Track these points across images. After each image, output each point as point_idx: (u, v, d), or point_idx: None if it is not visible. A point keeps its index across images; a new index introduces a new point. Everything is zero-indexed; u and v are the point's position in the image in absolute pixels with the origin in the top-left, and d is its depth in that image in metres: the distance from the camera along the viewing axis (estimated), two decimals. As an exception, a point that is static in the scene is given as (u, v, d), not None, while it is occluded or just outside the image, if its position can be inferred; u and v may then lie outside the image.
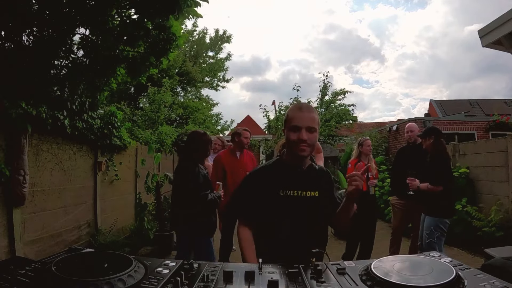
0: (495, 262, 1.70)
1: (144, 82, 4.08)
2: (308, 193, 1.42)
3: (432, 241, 2.98)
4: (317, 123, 1.41)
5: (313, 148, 1.42)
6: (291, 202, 1.40)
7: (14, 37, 2.92)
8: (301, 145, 1.35)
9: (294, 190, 1.41)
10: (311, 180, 1.45)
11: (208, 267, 0.70)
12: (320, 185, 1.48)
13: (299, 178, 1.43)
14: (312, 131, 1.37)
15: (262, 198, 1.42)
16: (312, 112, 1.40)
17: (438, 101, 19.26)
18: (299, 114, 1.38)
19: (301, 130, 1.35)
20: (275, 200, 1.40)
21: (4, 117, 2.77)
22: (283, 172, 1.45)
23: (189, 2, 2.91)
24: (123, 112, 7.12)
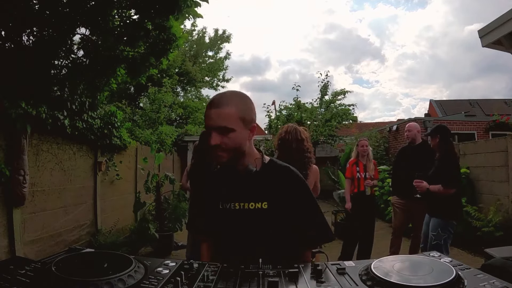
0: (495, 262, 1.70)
1: (144, 82, 4.08)
2: (251, 205, 1.09)
3: (439, 243, 2.89)
4: (238, 119, 1.03)
5: (238, 150, 1.07)
6: (232, 217, 1.10)
7: (14, 37, 2.92)
8: (214, 152, 1.05)
9: (236, 202, 1.10)
10: (258, 187, 1.10)
11: (208, 267, 0.70)
12: (272, 193, 1.10)
13: (244, 185, 1.10)
14: (225, 132, 1.02)
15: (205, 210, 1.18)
16: (224, 106, 1.03)
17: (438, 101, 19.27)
18: (207, 111, 1.05)
19: (210, 132, 1.04)
20: (214, 214, 1.13)
21: (4, 117, 2.77)
22: (225, 178, 1.15)
23: (189, 3, 2.91)
24: (123, 111, 7.12)
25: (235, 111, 1.04)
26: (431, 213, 3.08)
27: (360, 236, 3.81)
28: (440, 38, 63.73)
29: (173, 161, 8.96)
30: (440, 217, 2.97)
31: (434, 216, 3.01)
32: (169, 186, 5.83)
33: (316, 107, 11.41)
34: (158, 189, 5.18)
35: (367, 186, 3.78)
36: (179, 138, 9.49)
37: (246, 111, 1.08)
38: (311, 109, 11.22)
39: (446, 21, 60.77)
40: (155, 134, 7.87)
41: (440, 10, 58.68)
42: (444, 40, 62.67)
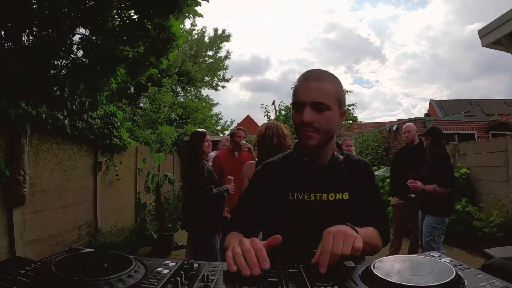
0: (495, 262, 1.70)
1: (143, 82, 4.09)
2: (331, 196, 1.01)
3: (433, 239, 3.02)
4: (335, 97, 0.95)
5: (328, 136, 0.98)
6: (304, 209, 1.00)
7: (14, 37, 2.91)
8: (305, 130, 0.95)
9: (310, 193, 1.01)
10: (334, 177, 1.02)
11: (208, 267, 0.70)
12: (352, 182, 1.04)
13: (317, 176, 1.02)
14: (321, 108, 0.93)
15: (269, 202, 1.03)
16: (323, 81, 0.95)
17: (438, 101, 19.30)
18: (303, 85, 0.95)
19: (304, 107, 0.93)
20: (282, 205, 1.01)
21: (4, 117, 2.77)
22: (294, 168, 1.05)
23: (189, 2, 2.91)
24: (123, 111, 7.13)
25: (333, 89, 0.95)
26: (424, 211, 3.19)
27: None
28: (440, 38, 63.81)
29: (173, 161, 8.96)
30: (433, 214, 3.08)
31: (428, 214, 3.13)
32: (169, 186, 5.84)
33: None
34: (158, 189, 5.19)
35: None
36: (179, 138, 9.49)
37: (342, 92, 1.00)
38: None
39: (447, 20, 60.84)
40: (155, 134, 7.87)
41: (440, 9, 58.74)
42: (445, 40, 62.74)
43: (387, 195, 6.42)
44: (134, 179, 5.99)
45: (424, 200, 3.20)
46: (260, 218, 1.05)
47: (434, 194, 3.05)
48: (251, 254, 0.69)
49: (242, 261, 0.68)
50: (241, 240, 0.75)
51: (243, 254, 0.70)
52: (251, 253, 0.70)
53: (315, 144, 0.96)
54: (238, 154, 3.69)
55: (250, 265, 0.67)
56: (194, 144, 2.96)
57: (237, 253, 0.70)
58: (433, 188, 3.05)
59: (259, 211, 1.05)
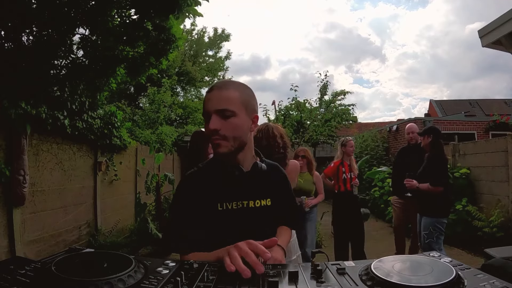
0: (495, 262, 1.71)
1: (143, 82, 4.08)
2: (257, 203, 1.05)
3: (432, 241, 3.00)
4: (240, 103, 0.96)
5: (238, 142, 0.98)
6: (234, 218, 1.01)
7: (14, 37, 2.91)
8: (213, 139, 0.95)
9: (237, 201, 1.02)
10: (257, 184, 1.06)
11: (208, 267, 0.70)
12: (272, 188, 1.09)
13: (241, 184, 1.03)
14: (226, 115, 0.94)
15: (198, 216, 1.00)
16: (226, 88, 0.97)
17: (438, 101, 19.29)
18: (207, 95, 0.98)
19: (210, 116, 0.95)
20: (213, 217, 1.00)
21: (4, 117, 2.77)
22: (219, 178, 1.04)
23: (189, 1, 2.91)
24: (123, 111, 7.13)
25: (238, 95, 0.97)
26: (422, 212, 3.17)
27: (352, 236, 3.81)
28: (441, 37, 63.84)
29: (173, 161, 8.96)
30: (430, 215, 3.07)
31: (424, 215, 3.12)
32: (169, 186, 5.84)
33: (316, 107, 11.41)
34: (158, 189, 5.19)
35: (355, 186, 3.79)
36: (179, 138, 9.49)
37: (249, 97, 1.01)
38: (310, 109, 11.22)
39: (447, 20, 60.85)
40: (155, 134, 7.87)
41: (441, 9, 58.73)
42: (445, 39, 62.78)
43: (387, 195, 6.43)
44: (134, 179, 5.99)
45: (421, 201, 3.19)
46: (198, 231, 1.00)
47: (429, 193, 3.04)
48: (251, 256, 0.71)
49: (241, 264, 0.69)
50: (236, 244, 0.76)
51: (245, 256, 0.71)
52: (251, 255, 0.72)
53: (225, 152, 0.96)
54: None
55: (253, 265, 0.69)
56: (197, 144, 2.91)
57: (234, 257, 0.71)
58: (426, 186, 3.05)
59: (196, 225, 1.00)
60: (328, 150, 11.49)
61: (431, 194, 3.03)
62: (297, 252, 2.24)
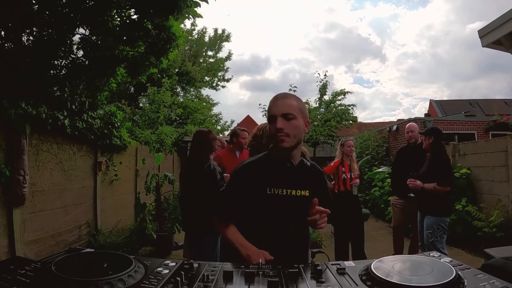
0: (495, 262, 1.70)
1: (144, 82, 4.08)
2: (298, 192, 1.31)
3: (436, 240, 2.99)
4: (298, 110, 1.28)
5: (296, 140, 1.28)
6: (278, 202, 1.28)
7: (14, 37, 2.91)
8: (278, 135, 1.23)
9: (283, 189, 1.29)
10: (301, 177, 1.34)
11: (208, 267, 0.70)
12: (312, 183, 1.37)
13: (288, 175, 1.31)
14: (289, 118, 1.24)
15: (248, 196, 1.30)
16: (288, 98, 1.29)
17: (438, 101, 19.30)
18: (273, 103, 1.29)
19: (276, 118, 1.24)
20: (261, 199, 1.28)
21: (4, 117, 2.77)
22: (271, 168, 1.32)
23: (188, 3, 2.91)
24: (123, 111, 7.13)
25: (296, 104, 1.29)
26: (424, 212, 3.17)
27: (352, 236, 3.81)
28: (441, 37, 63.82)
29: (173, 161, 8.96)
30: (433, 215, 3.07)
31: (428, 214, 3.11)
32: (169, 186, 5.83)
33: (315, 107, 11.41)
34: (158, 189, 5.18)
35: (355, 185, 3.79)
36: (179, 138, 9.48)
37: (303, 106, 1.33)
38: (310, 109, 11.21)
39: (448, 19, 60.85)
40: (155, 134, 7.87)
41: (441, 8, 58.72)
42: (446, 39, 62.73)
43: (387, 195, 6.43)
44: (134, 179, 5.99)
45: (423, 200, 3.19)
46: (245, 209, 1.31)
47: (434, 193, 3.04)
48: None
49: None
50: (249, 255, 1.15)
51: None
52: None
53: (287, 146, 1.25)
54: (239, 154, 3.69)
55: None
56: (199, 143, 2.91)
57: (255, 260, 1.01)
58: (433, 186, 3.04)
59: (244, 204, 1.31)
60: (328, 150, 11.48)
61: (434, 194, 3.03)
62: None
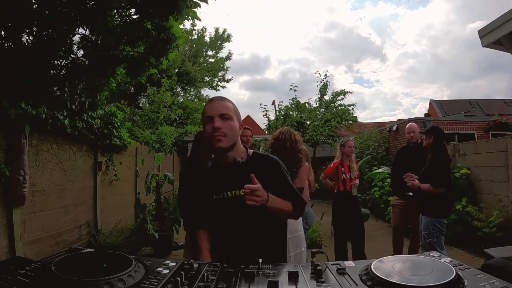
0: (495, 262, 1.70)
1: (143, 82, 4.08)
2: (242, 192, 1.23)
3: (432, 240, 3.00)
4: (234, 112, 1.31)
5: (233, 140, 1.29)
6: (228, 205, 1.30)
7: (14, 37, 2.91)
8: (216, 135, 1.25)
9: (229, 191, 1.30)
10: (247, 175, 1.23)
11: (208, 267, 0.70)
12: (262, 178, 1.25)
13: (234, 175, 1.29)
14: (225, 118, 1.26)
15: (202, 204, 1.38)
16: (224, 100, 1.32)
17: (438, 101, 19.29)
18: (210, 104, 1.32)
19: (213, 119, 1.26)
20: (211, 205, 1.33)
21: (4, 117, 2.77)
22: (215, 172, 1.36)
23: (188, 3, 2.91)
24: (123, 111, 7.13)
25: (232, 106, 1.33)
26: (422, 212, 3.17)
27: (352, 236, 3.81)
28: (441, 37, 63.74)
29: (173, 161, 8.96)
30: (429, 215, 3.07)
31: (425, 215, 3.12)
32: (169, 186, 5.83)
33: (315, 107, 11.41)
34: (158, 189, 5.18)
35: (354, 186, 3.80)
36: (179, 138, 9.48)
37: (238, 110, 1.37)
38: (310, 109, 11.22)
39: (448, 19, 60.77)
40: (155, 134, 7.87)
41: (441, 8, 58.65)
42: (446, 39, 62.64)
43: (387, 195, 6.42)
44: (134, 179, 5.99)
45: (421, 200, 3.19)
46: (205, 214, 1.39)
47: (429, 193, 3.05)
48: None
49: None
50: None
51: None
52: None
53: (224, 146, 1.27)
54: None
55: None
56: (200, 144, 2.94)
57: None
58: (427, 187, 3.06)
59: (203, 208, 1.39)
60: (328, 150, 11.49)
61: (432, 194, 3.03)
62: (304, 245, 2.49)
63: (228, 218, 1.30)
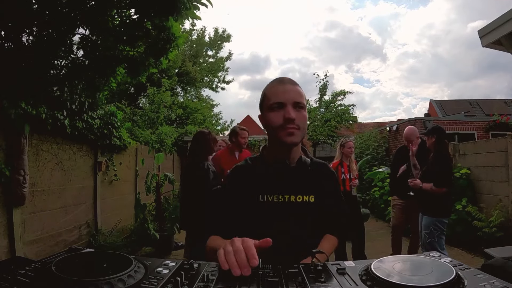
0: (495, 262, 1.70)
1: (144, 82, 4.08)
2: (299, 198, 1.06)
3: (433, 240, 3.00)
4: (305, 100, 1.07)
5: (303, 134, 1.05)
6: (273, 210, 1.04)
7: (14, 37, 2.91)
8: (289, 128, 0.99)
9: (279, 195, 1.05)
10: (303, 179, 1.08)
11: (208, 267, 0.70)
12: (318, 186, 1.10)
13: (286, 177, 1.07)
14: (300, 108, 1.02)
15: (239, 206, 1.07)
16: (296, 85, 1.06)
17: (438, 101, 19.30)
18: (281, 87, 1.03)
19: (286, 107, 0.99)
20: (253, 207, 1.05)
21: (4, 117, 2.77)
22: (265, 171, 1.09)
23: (188, 5, 2.92)
24: (123, 111, 7.13)
25: (304, 93, 1.06)
26: (423, 212, 3.18)
27: (352, 236, 3.82)
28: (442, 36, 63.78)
29: (173, 161, 8.96)
30: (430, 215, 3.08)
31: (425, 215, 3.12)
32: (169, 186, 5.84)
33: (315, 107, 11.41)
34: (158, 189, 5.18)
35: (353, 186, 3.81)
36: (179, 138, 9.49)
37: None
38: (310, 109, 11.22)
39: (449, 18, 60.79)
40: (155, 134, 7.87)
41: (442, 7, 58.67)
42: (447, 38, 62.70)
43: (387, 195, 6.43)
44: (134, 179, 5.99)
45: (422, 200, 3.20)
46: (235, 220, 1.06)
47: (431, 193, 3.05)
48: (241, 254, 0.69)
49: (233, 260, 0.68)
50: (233, 239, 0.74)
51: (234, 253, 0.69)
52: (242, 253, 0.69)
53: (297, 142, 1.03)
54: (238, 154, 3.68)
55: (240, 265, 0.67)
56: (198, 144, 2.96)
57: (228, 252, 0.70)
58: (429, 187, 3.06)
59: (233, 214, 1.07)
60: (328, 150, 11.49)
61: (433, 194, 3.03)
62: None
63: (269, 225, 1.01)
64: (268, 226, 0.99)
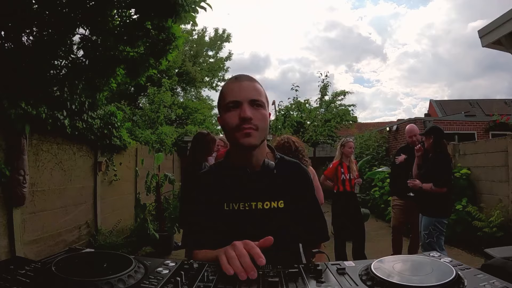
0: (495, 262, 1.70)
1: (143, 83, 4.08)
2: (266, 205, 0.97)
3: (432, 241, 3.00)
4: (265, 97, 0.97)
5: (264, 136, 0.96)
6: (240, 219, 0.96)
7: (14, 37, 2.91)
8: (245, 128, 0.90)
9: (244, 202, 0.97)
10: (268, 184, 0.99)
11: (208, 267, 0.70)
12: (287, 189, 1.01)
13: (250, 183, 0.98)
14: (259, 106, 0.93)
15: (206, 215, 1.00)
16: (254, 81, 0.97)
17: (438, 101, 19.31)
18: (237, 84, 0.95)
19: (241, 105, 0.91)
20: (219, 216, 0.98)
21: (4, 117, 2.77)
22: (228, 177, 1.01)
23: (187, 8, 2.92)
24: (123, 111, 7.13)
25: (263, 90, 0.98)
26: (422, 212, 3.19)
27: (352, 235, 3.82)
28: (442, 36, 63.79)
29: (173, 161, 8.96)
30: (429, 215, 3.08)
31: (425, 215, 3.13)
32: (169, 186, 5.83)
33: (316, 107, 11.42)
34: (158, 189, 5.19)
35: (358, 184, 3.82)
36: (179, 138, 9.49)
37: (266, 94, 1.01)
38: (310, 109, 11.23)
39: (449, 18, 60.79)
40: (155, 134, 7.87)
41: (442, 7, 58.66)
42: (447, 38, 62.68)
43: (387, 195, 6.43)
44: (134, 179, 5.99)
45: (421, 200, 3.20)
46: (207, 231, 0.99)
47: (431, 193, 3.05)
48: (245, 258, 0.67)
49: (238, 265, 0.66)
50: (233, 243, 0.72)
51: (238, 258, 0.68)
52: (246, 257, 0.68)
53: (255, 144, 0.93)
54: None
55: (246, 269, 0.65)
56: (198, 144, 2.98)
57: (231, 257, 0.68)
58: (429, 187, 3.06)
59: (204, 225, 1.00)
60: (328, 150, 11.50)
61: (433, 194, 3.03)
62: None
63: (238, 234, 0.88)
64: (236, 236, 0.83)
